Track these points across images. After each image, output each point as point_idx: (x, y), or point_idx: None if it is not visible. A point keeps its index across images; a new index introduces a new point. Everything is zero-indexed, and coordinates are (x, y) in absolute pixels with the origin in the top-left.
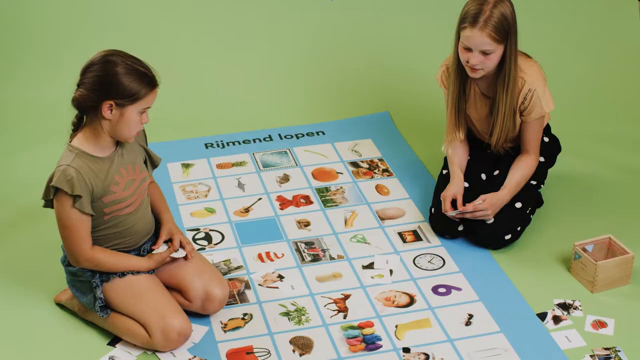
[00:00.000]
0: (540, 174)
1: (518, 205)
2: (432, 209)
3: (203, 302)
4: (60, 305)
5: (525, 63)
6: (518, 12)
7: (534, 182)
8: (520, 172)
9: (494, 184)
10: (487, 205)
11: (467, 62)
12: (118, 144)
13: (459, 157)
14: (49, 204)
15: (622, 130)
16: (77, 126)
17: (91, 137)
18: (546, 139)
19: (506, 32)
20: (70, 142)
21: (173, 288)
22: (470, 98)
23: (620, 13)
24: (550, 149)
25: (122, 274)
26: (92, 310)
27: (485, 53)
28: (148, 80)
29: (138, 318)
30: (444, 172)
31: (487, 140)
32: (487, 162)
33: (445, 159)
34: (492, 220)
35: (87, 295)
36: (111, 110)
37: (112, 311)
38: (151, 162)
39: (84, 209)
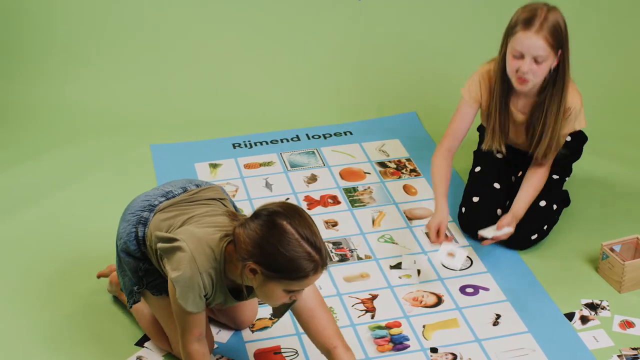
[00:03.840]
0: (564, 167)
1: (542, 203)
2: (463, 208)
3: (229, 325)
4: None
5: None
6: None
7: (556, 177)
8: (533, 187)
9: (511, 193)
10: (512, 230)
11: (517, 70)
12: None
13: (444, 178)
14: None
15: None
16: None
17: (236, 266)
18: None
19: (561, 39)
20: (226, 246)
21: None
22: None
23: None
24: (575, 141)
25: (166, 294)
26: (122, 290)
27: (537, 61)
28: (308, 266)
29: (165, 329)
30: (476, 169)
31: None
32: (500, 171)
33: (475, 154)
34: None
35: (125, 279)
36: (254, 273)
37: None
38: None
39: (195, 313)
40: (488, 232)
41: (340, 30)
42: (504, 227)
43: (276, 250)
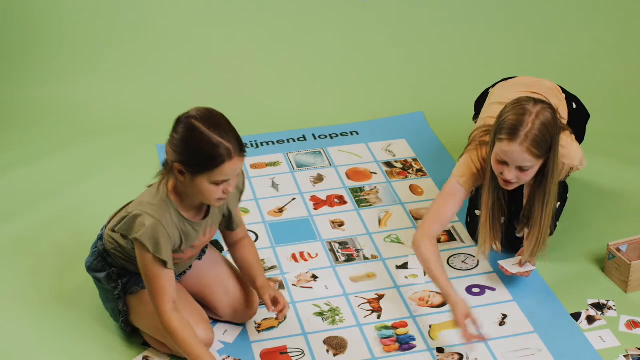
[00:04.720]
0: None
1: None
2: (468, 218)
3: (231, 318)
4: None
5: (562, 142)
6: (551, 12)
7: None
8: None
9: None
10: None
11: (501, 174)
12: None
13: (439, 265)
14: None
15: None
16: (165, 170)
17: (178, 193)
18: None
19: (548, 145)
20: (167, 185)
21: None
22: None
23: None
24: (578, 119)
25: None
26: (113, 319)
27: (522, 169)
28: (221, 153)
29: (158, 338)
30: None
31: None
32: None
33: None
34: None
35: (110, 302)
36: (182, 174)
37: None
38: (230, 224)
39: (168, 266)
40: (511, 268)
41: (346, 30)
42: (527, 265)
43: (191, 146)
